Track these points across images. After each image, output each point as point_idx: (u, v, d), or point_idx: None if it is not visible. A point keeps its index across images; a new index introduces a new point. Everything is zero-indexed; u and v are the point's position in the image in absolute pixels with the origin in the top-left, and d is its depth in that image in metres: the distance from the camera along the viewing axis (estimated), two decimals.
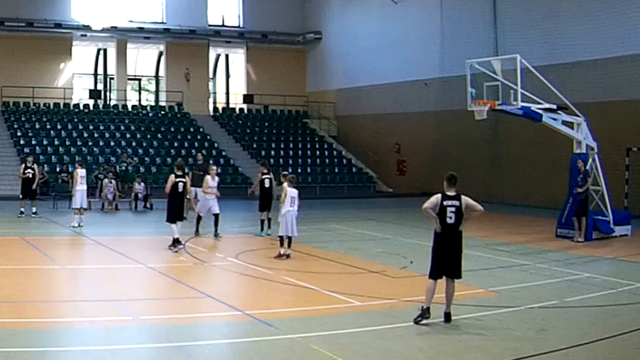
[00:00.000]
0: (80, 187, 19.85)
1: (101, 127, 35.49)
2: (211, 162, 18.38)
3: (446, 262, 9.91)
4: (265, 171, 19.05)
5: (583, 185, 18.67)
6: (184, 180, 16.24)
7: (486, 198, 29.77)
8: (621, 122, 25.12)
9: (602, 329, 9.68)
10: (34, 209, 22.10)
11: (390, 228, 21.17)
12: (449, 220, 9.80)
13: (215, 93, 43.76)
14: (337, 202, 30.42)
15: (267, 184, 18.78)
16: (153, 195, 26.66)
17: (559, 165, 23.03)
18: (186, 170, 17.65)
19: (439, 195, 9.92)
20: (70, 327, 9.48)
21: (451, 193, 9.92)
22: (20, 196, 22.62)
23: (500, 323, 10.04)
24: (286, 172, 17.03)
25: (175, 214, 16.10)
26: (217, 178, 18.46)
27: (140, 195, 26.12)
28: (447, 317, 9.92)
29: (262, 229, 19.05)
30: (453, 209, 9.80)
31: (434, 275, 9.94)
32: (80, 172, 20.09)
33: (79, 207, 19.82)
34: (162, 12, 39.85)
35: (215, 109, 41.95)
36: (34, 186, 22.51)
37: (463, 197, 9.93)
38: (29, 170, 22.63)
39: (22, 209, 22.13)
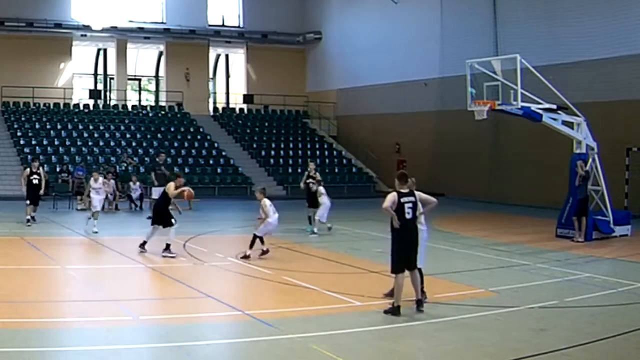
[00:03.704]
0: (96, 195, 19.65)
1: (101, 127, 35.50)
2: None
3: (411, 255, 10.40)
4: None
5: (579, 187, 18.67)
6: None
7: (486, 198, 29.95)
8: (621, 122, 25.12)
9: (602, 329, 9.68)
10: (33, 214, 20.68)
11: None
12: (407, 216, 10.33)
13: (215, 93, 43.78)
14: (337, 202, 30.30)
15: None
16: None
17: (559, 165, 23.03)
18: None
19: (395, 194, 10.39)
20: (70, 327, 9.48)
21: (405, 190, 10.46)
22: (28, 202, 20.50)
23: (500, 323, 10.05)
24: None
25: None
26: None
27: (134, 196, 26.05)
28: (420, 304, 10.36)
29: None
30: (410, 204, 10.35)
31: (398, 269, 10.36)
32: (93, 185, 19.90)
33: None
34: (162, 12, 39.86)
35: (215, 109, 41.96)
36: (41, 192, 21.03)
37: (416, 192, 10.56)
38: (35, 175, 20.80)
39: (29, 217, 20.32)
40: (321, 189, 19.68)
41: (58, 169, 30.21)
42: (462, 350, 8.77)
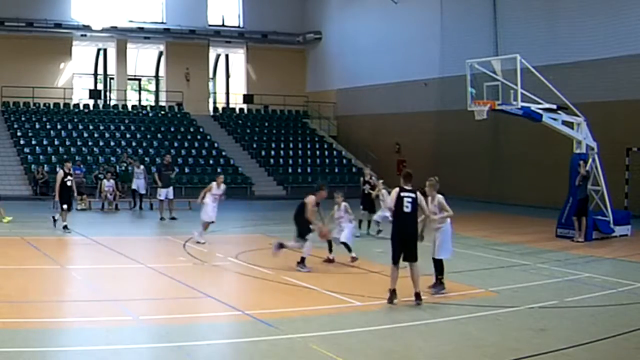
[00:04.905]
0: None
1: (101, 127, 35.50)
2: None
3: (404, 247, 10.87)
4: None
5: (579, 187, 18.67)
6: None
7: (486, 198, 29.94)
8: (621, 122, 25.11)
9: (602, 329, 9.68)
10: (64, 223, 19.17)
11: (390, 228, 21.11)
12: (405, 210, 10.91)
13: (215, 93, 43.78)
14: None
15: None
16: (153, 195, 26.64)
17: (559, 165, 23.03)
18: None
19: (397, 189, 11.10)
20: (70, 327, 9.48)
21: (407, 187, 11.05)
22: (65, 207, 19.14)
23: (500, 323, 10.05)
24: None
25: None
26: None
27: (139, 182, 25.77)
28: (417, 296, 10.77)
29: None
30: (409, 199, 10.93)
31: (394, 260, 10.91)
32: (215, 190, 17.90)
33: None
34: (162, 12, 39.86)
35: (215, 109, 41.96)
36: (74, 195, 19.89)
37: (419, 195, 11.09)
38: (69, 177, 19.69)
39: (65, 222, 19.09)
40: (385, 192, 19.14)
41: (58, 169, 30.18)
42: (462, 350, 8.77)
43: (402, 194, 10.94)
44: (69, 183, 19.55)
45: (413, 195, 10.94)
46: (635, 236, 19.62)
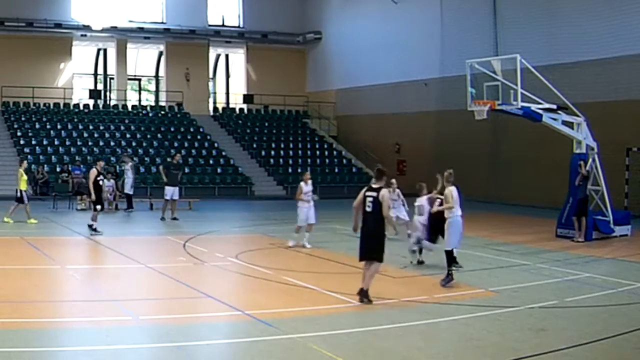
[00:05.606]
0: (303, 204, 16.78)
1: (101, 127, 35.52)
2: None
3: (366, 245, 10.95)
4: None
5: (579, 187, 18.67)
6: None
7: (486, 198, 29.91)
8: (621, 122, 25.11)
9: (602, 329, 9.67)
10: (94, 224, 18.53)
11: (389, 228, 21.10)
12: (367, 209, 10.91)
13: (215, 93, 43.80)
14: (337, 202, 30.37)
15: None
16: (153, 195, 26.67)
17: (559, 165, 23.03)
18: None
19: (364, 189, 11.18)
20: (70, 327, 9.48)
21: (375, 186, 11.06)
22: (99, 207, 18.72)
23: (500, 323, 10.04)
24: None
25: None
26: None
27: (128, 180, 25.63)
28: (361, 292, 10.78)
29: None
30: (371, 199, 10.91)
31: (359, 257, 11.08)
32: (305, 188, 16.87)
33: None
34: (162, 12, 39.88)
35: (215, 109, 41.98)
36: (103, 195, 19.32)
37: (382, 190, 10.94)
38: (101, 176, 19.24)
39: (95, 224, 18.44)
40: (398, 191, 18.70)
41: (58, 169, 30.22)
42: (462, 350, 8.77)
43: (366, 194, 10.97)
44: (100, 182, 19.15)
45: (375, 194, 10.89)
46: (635, 236, 19.62)
